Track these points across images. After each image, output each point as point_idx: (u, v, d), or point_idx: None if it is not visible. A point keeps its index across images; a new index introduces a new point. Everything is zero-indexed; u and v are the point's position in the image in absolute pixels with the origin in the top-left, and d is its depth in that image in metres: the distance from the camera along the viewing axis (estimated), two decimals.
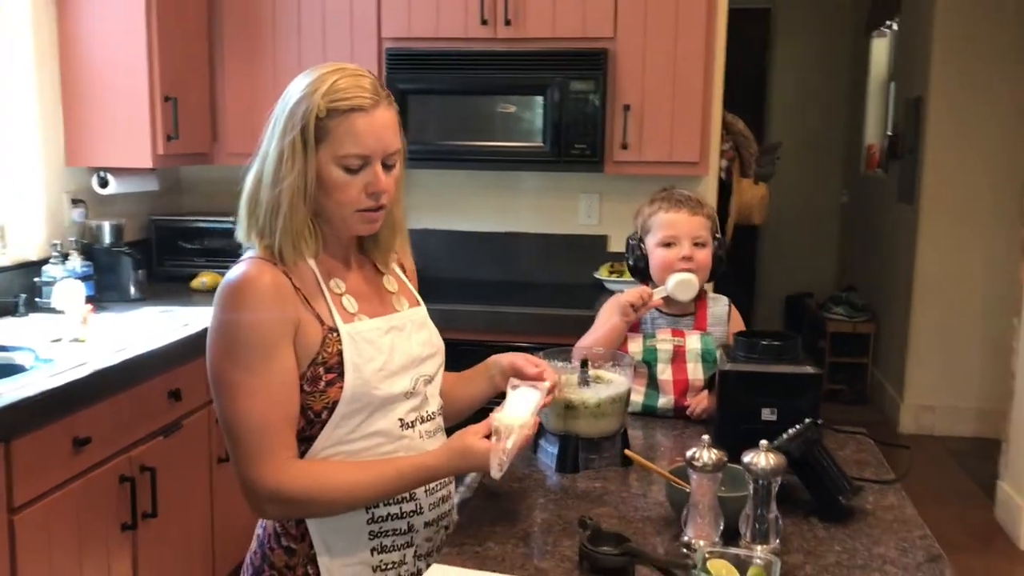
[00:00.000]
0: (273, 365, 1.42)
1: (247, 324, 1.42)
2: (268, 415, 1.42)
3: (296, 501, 1.45)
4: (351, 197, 1.48)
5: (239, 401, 1.42)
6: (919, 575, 1.40)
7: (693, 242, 2.14)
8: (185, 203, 4.06)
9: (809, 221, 7.13)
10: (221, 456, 2.97)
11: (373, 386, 1.49)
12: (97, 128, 3.26)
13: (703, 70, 3.36)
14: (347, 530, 1.52)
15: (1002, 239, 4.94)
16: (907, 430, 5.30)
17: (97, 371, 2.36)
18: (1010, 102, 4.83)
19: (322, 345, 1.47)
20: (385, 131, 1.48)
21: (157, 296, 3.36)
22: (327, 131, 1.45)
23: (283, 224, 1.47)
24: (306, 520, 1.52)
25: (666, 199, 2.20)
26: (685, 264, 2.12)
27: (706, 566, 1.31)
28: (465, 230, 3.87)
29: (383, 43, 3.50)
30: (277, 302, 1.44)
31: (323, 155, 1.46)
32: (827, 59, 7.04)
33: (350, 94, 1.45)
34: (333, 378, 1.47)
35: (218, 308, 1.46)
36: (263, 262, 1.48)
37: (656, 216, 2.18)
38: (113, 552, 2.44)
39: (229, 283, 1.46)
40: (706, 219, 2.17)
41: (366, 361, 1.49)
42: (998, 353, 4.83)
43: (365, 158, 1.47)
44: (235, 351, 1.43)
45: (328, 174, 1.47)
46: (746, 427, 1.76)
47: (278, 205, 1.46)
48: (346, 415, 1.48)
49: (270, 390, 1.42)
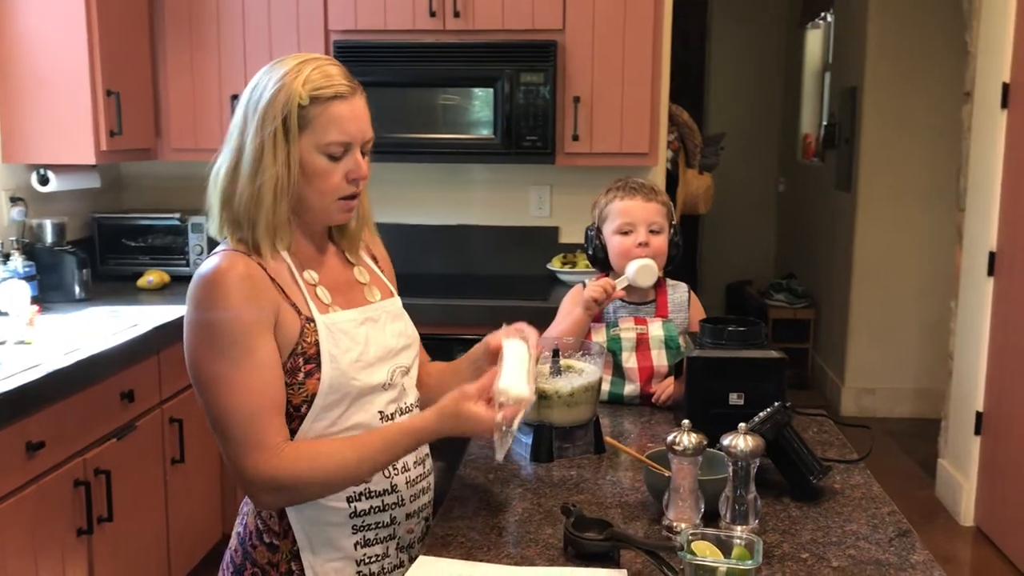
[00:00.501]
0: (255, 354, 1.41)
1: (225, 316, 1.40)
2: (255, 405, 1.40)
3: (291, 487, 1.43)
4: (333, 185, 1.48)
5: (225, 395, 1.40)
6: (892, 549, 1.44)
7: (649, 229, 2.17)
8: (128, 200, 3.97)
9: (748, 210, 7.26)
10: (175, 457, 2.92)
11: (351, 376, 1.48)
12: (36, 124, 3.16)
13: (651, 61, 3.39)
14: (330, 525, 1.51)
15: (938, 224, 5.09)
16: (849, 412, 5.43)
17: (49, 373, 2.30)
18: (943, 90, 4.97)
19: (301, 335, 1.46)
20: (364, 118, 1.50)
21: (103, 296, 3.28)
22: (309, 120, 1.44)
23: (266, 217, 1.45)
24: (288, 516, 1.50)
25: (621, 187, 2.22)
26: (642, 251, 2.15)
27: (691, 548, 1.33)
28: (416, 223, 3.86)
29: (330, 35, 3.46)
30: (254, 292, 1.43)
31: (305, 144, 1.45)
32: (763, 50, 7.17)
33: (331, 82, 1.45)
34: (311, 369, 1.46)
35: (193, 303, 1.43)
36: (236, 254, 1.46)
37: (612, 204, 2.21)
38: (68, 558, 2.39)
39: (203, 277, 1.43)
40: (661, 206, 2.20)
41: (343, 352, 1.48)
42: (935, 335, 4.98)
43: (347, 145, 1.47)
44: (215, 345, 1.41)
45: (311, 162, 1.46)
46: (714, 412, 1.80)
47: (260, 198, 1.45)
48: (325, 407, 1.47)
49: (255, 380, 1.40)
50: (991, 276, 3.79)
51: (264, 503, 1.47)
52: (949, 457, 4.20)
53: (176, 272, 3.54)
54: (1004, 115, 3.70)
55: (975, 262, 3.94)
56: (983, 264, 3.83)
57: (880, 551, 1.44)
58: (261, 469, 1.40)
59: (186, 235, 3.58)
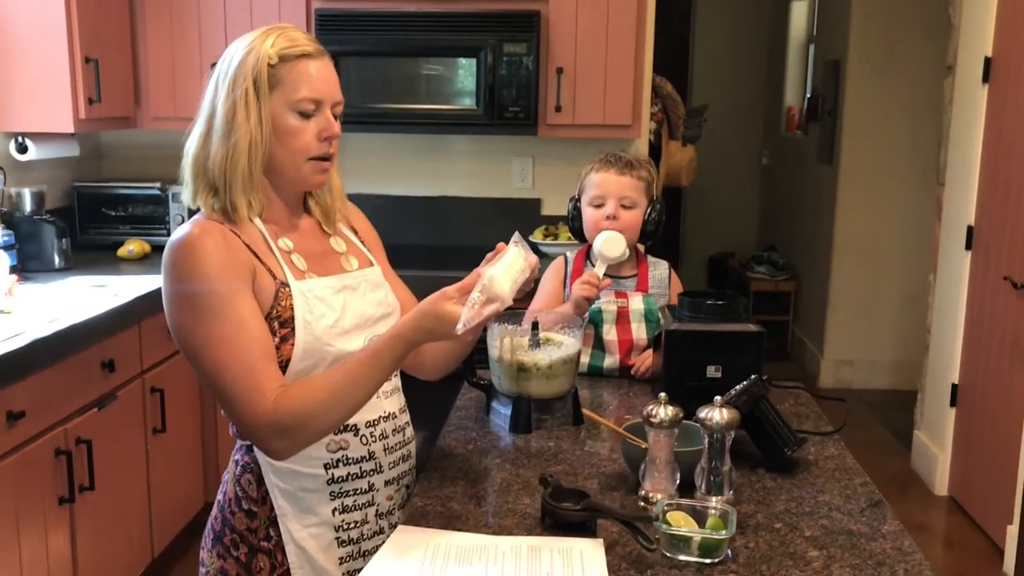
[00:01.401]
0: (238, 311, 1.41)
1: (203, 277, 1.41)
2: (246, 358, 1.41)
3: (293, 426, 1.41)
4: (305, 143, 1.49)
5: (214, 353, 1.41)
6: (863, 519, 1.47)
7: (620, 203, 2.18)
8: (107, 169, 3.94)
9: (731, 182, 7.27)
10: (156, 427, 2.92)
11: (325, 342, 1.49)
12: (14, 92, 3.13)
13: (635, 33, 3.39)
14: (307, 491, 1.52)
15: (918, 199, 5.12)
16: (827, 384, 5.49)
17: (29, 343, 2.29)
18: (926, 63, 4.98)
19: (275, 299, 1.47)
20: (332, 80, 1.52)
21: (83, 265, 3.27)
22: (279, 78, 1.46)
23: (242, 176, 1.47)
24: (266, 482, 1.51)
25: (601, 159, 2.23)
26: (609, 224, 2.16)
27: (666, 518, 1.35)
28: (398, 194, 3.85)
29: (312, 4, 3.44)
30: (229, 255, 1.44)
31: (276, 102, 1.47)
32: (748, 22, 7.14)
33: (298, 42, 1.48)
34: (286, 333, 1.46)
35: (171, 271, 1.44)
36: (209, 221, 1.47)
37: (588, 176, 2.23)
38: (51, 526, 2.40)
39: (177, 243, 1.44)
40: (636, 180, 2.19)
41: (317, 318, 1.49)
42: (913, 308, 5.03)
43: (317, 102, 1.49)
44: (197, 308, 1.42)
45: (283, 121, 1.47)
46: (692, 384, 1.82)
47: (235, 158, 1.46)
48: (300, 373, 1.47)
49: (242, 335, 1.41)
50: (968, 250, 3.83)
51: (277, 451, 1.45)
52: (924, 428, 4.25)
53: (156, 242, 3.52)
54: (985, 89, 3.71)
55: (953, 236, 3.97)
56: (961, 238, 3.86)
57: (852, 521, 1.46)
58: (261, 417, 1.40)
59: (166, 204, 3.57)
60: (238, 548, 1.55)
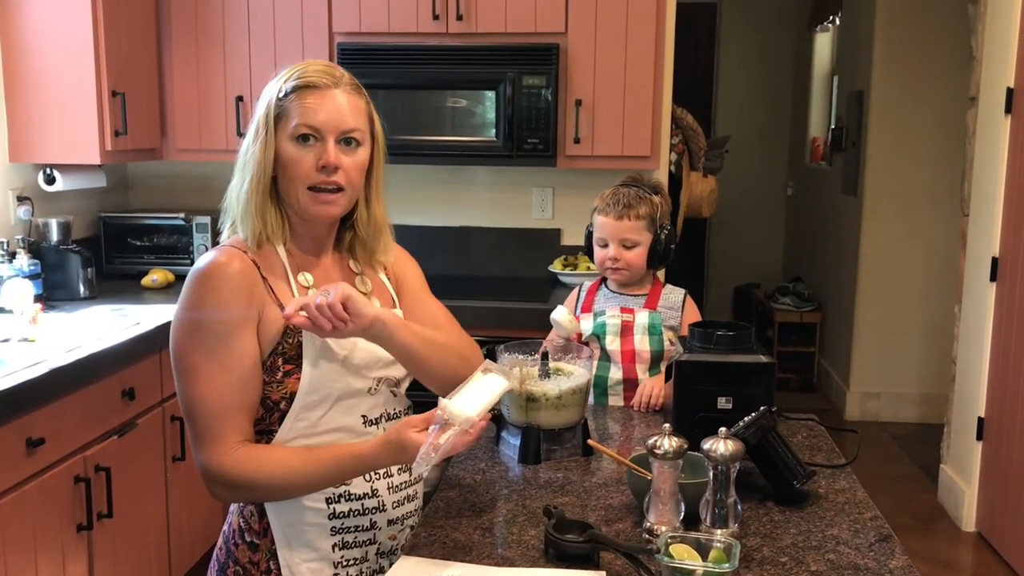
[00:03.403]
0: (234, 350, 1.44)
1: (211, 308, 1.45)
2: (224, 399, 1.44)
3: (240, 485, 1.47)
4: (303, 172, 1.50)
5: (198, 384, 1.44)
6: (871, 554, 1.45)
7: (621, 244, 2.26)
8: (134, 200, 4.01)
9: (756, 213, 7.25)
10: (176, 455, 2.94)
11: (331, 380, 1.50)
12: (42, 123, 3.20)
13: (653, 64, 3.40)
14: (308, 525, 1.53)
15: (942, 229, 5.08)
16: (853, 416, 5.42)
17: (50, 371, 2.33)
18: (949, 95, 4.96)
19: (283, 336, 1.48)
20: (341, 110, 1.50)
21: (107, 294, 3.32)
22: (284, 110, 1.50)
23: (246, 203, 1.50)
24: (268, 515, 1.52)
25: (607, 199, 2.30)
26: (612, 264, 2.28)
27: (669, 551, 1.34)
28: (419, 224, 3.88)
29: (334, 38, 3.49)
30: (243, 289, 1.46)
31: (280, 134, 1.50)
32: (772, 54, 7.16)
33: (307, 74, 1.51)
34: (290, 369, 1.48)
35: (185, 293, 1.49)
36: (233, 249, 1.50)
37: (595, 215, 2.32)
38: (69, 554, 2.42)
39: (198, 270, 1.49)
40: (635, 221, 2.26)
41: (324, 356, 1.50)
42: (939, 340, 4.97)
43: (315, 130, 1.49)
44: (198, 335, 1.45)
45: (284, 151, 1.50)
46: (702, 415, 1.81)
47: (248, 190, 1.50)
48: (305, 407, 1.49)
49: (229, 374, 1.44)
50: (993, 281, 3.79)
51: (215, 495, 1.50)
52: (951, 462, 4.19)
53: (180, 271, 3.57)
54: (1008, 120, 3.69)
55: (978, 267, 3.93)
56: (986, 269, 3.82)
57: (859, 556, 1.45)
58: (214, 463, 1.45)
59: (190, 234, 3.62)
60: None
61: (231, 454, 1.44)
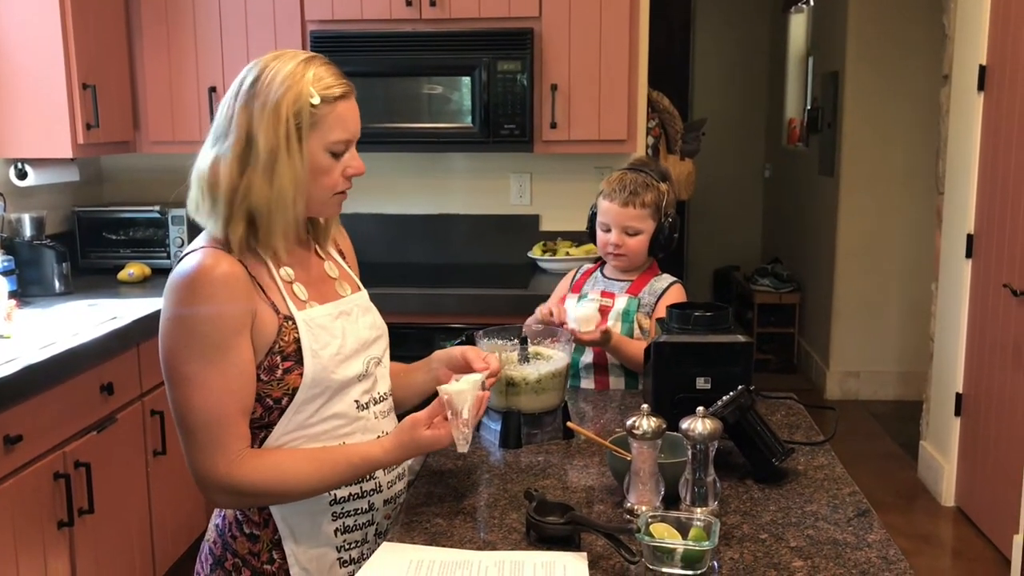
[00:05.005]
0: (229, 356, 1.42)
1: (204, 316, 1.41)
2: (223, 407, 1.42)
3: (248, 493, 1.46)
4: (334, 181, 1.52)
5: (195, 393, 1.41)
6: (850, 528, 1.47)
7: (624, 231, 2.24)
8: (108, 193, 3.97)
9: (734, 195, 7.27)
10: (157, 449, 2.93)
11: (331, 370, 1.50)
12: (12, 117, 3.16)
13: (628, 47, 3.40)
14: (311, 512, 1.53)
15: (919, 208, 5.11)
16: (833, 396, 5.46)
17: (27, 367, 2.31)
18: (923, 73, 4.98)
19: (278, 334, 1.47)
20: (359, 119, 1.55)
21: (83, 289, 3.29)
22: (319, 118, 1.46)
23: (284, 219, 1.47)
24: (269, 506, 1.52)
25: (614, 183, 2.27)
26: (613, 249, 2.26)
27: (649, 530, 1.35)
28: (396, 213, 3.87)
29: (307, 26, 3.46)
30: (234, 293, 1.43)
31: (314, 142, 1.47)
32: (748, 36, 7.17)
33: (338, 82, 1.49)
34: (291, 366, 1.47)
35: (172, 300, 1.43)
36: (217, 251, 1.46)
37: (599, 199, 2.30)
38: (50, 550, 2.40)
39: (184, 274, 1.43)
40: (640, 209, 2.24)
41: (323, 347, 1.50)
42: (917, 318, 5.01)
43: (349, 143, 1.52)
44: (191, 343, 1.41)
45: (317, 160, 1.48)
46: (681, 396, 1.81)
47: (280, 199, 1.45)
48: (306, 400, 1.49)
49: (226, 382, 1.42)
50: (969, 258, 3.82)
51: (216, 502, 1.50)
52: (930, 439, 4.23)
53: (156, 264, 3.55)
54: (981, 97, 3.72)
55: (953, 245, 3.96)
56: (961, 246, 3.85)
57: (838, 530, 1.46)
58: (220, 472, 1.43)
59: (166, 227, 3.59)
60: (240, 572, 1.56)
61: (239, 463, 1.43)
